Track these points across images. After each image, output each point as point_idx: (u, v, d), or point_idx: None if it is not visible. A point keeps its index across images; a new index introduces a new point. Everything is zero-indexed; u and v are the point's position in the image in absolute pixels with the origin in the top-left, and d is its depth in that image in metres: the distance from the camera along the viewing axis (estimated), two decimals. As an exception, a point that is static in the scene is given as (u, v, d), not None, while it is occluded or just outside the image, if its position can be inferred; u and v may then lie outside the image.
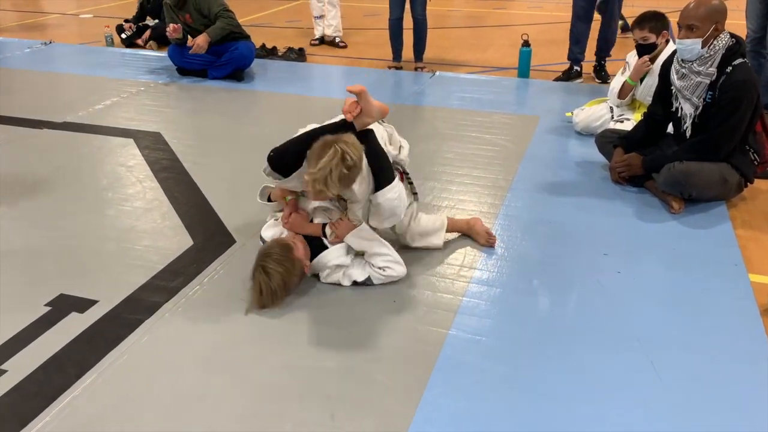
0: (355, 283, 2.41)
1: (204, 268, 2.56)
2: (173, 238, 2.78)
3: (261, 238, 2.57)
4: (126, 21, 6.51)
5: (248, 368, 2.03)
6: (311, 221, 2.50)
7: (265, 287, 2.26)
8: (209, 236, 2.80)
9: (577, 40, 5.07)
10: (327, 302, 2.35)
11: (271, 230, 2.55)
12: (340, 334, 2.19)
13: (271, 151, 2.37)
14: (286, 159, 2.34)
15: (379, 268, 2.40)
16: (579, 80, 5.14)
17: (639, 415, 1.84)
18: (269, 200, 2.61)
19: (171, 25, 4.94)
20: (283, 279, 2.27)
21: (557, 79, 5.14)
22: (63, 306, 2.32)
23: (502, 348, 2.12)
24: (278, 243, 2.37)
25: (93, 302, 2.34)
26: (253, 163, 2.55)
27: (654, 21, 3.58)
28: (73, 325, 2.22)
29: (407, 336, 2.18)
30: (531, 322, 2.26)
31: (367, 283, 2.41)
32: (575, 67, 5.15)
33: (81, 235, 2.83)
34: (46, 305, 2.32)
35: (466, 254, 2.67)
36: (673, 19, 3.70)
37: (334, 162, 2.10)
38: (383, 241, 2.46)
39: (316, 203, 2.48)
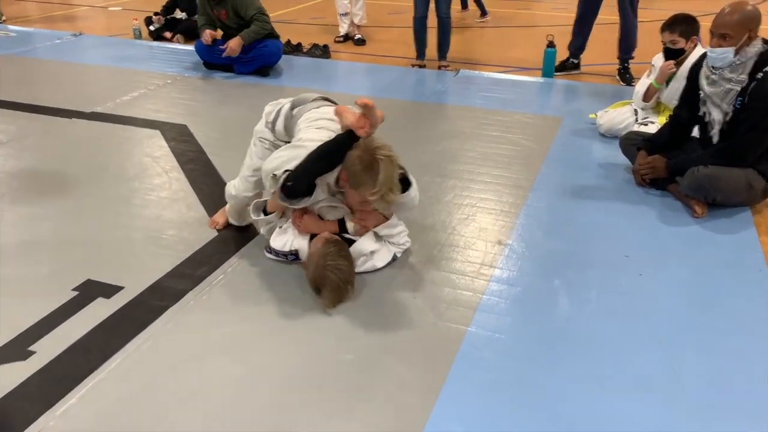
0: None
1: (228, 258, 2.60)
2: (198, 228, 2.82)
3: (271, 249, 2.53)
4: (156, 14, 6.58)
5: (269, 358, 2.07)
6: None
7: (342, 284, 2.28)
8: (233, 227, 2.83)
9: (575, 34, 5.21)
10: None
11: (282, 238, 2.49)
12: (361, 328, 2.21)
13: (288, 181, 2.24)
14: (305, 186, 2.29)
15: (401, 243, 2.57)
16: (576, 72, 5.26)
17: (657, 417, 1.85)
18: (265, 213, 2.55)
19: (207, 32, 4.98)
20: (351, 269, 2.34)
21: (557, 70, 5.23)
22: (90, 291, 2.37)
23: (521, 346, 2.13)
24: (327, 241, 2.37)
25: (119, 288, 2.38)
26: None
27: (685, 25, 3.54)
28: (100, 310, 2.27)
29: (427, 332, 2.20)
30: (551, 321, 2.26)
31: (393, 260, 2.53)
32: (571, 59, 5.29)
33: (108, 223, 2.89)
34: (73, 290, 2.37)
35: (486, 253, 2.68)
36: (704, 23, 3.68)
37: (391, 171, 2.22)
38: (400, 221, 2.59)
39: (322, 203, 2.45)
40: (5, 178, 3.33)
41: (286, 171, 2.26)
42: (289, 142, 2.48)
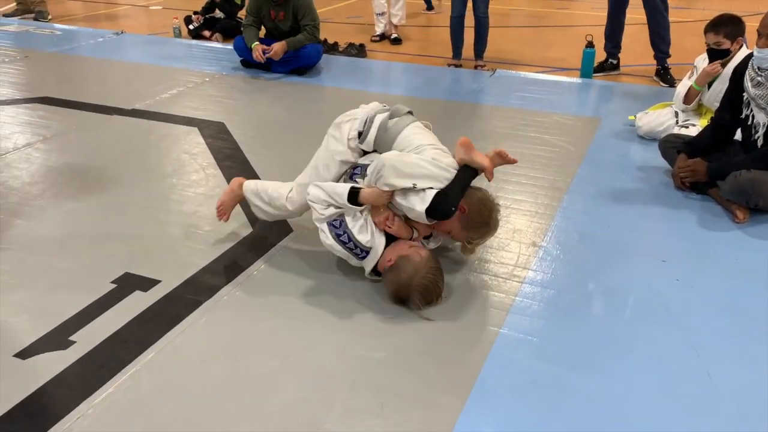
0: None
1: (262, 254, 2.63)
2: (233, 225, 2.85)
3: (350, 238, 2.34)
4: (195, 13, 6.69)
5: (301, 353, 2.08)
6: None
7: (441, 291, 2.31)
8: (267, 224, 2.86)
9: (608, 34, 5.12)
10: (379, 294, 2.38)
11: (366, 234, 2.36)
12: (393, 326, 2.21)
13: (439, 202, 2.26)
14: (449, 210, 2.30)
15: None
16: (615, 72, 5.18)
17: (689, 424, 1.81)
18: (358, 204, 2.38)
19: (259, 48, 5.02)
20: (442, 277, 2.33)
21: (596, 71, 5.15)
22: (128, 284, 2.42)
23: (553, 349, 2.11)
24: (418, 255, 2.31)
25: (156, 282, 2.43)
26: (311, 155, 2.60)
27: (730, 26, 3.45)
28: (137, 302, 2.32)
29: (459, 332, 2.19)
30: (584, 325, 2.24)
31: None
32: (610, 60, 5.20)
33: (147, 218, 2.94)
34: (112, 283, 2.43)
35: (520, 254, 2.66)
36: (749, 24, 3.60)
37: (495, 231, 2.46)
38: None
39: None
40: (48, 172, 3.42)
41: (430, 189, 2.27)
42: (366, 152, 2.50)
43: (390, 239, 2.39)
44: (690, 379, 1.98)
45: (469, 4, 5.33)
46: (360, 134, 2.47)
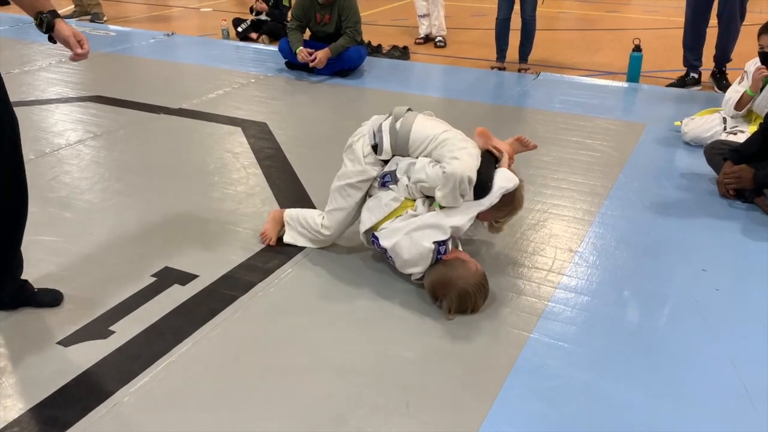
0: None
1: (296, 254, 2.67)
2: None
3: None
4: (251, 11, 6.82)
5: (330, 351, 2.11)
6: None
7: (477, 306, 2.29)
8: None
9: (690, 46, 4.83)
10: (411, 294, 2.39)
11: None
12: (422, 327, 2.22)
13: (489, 182, 2.35)
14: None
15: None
16: (697, 88, 4.90)
17: (725, 438, 1.77)
18: None
19: (304, 51, 5.09)
20: (484, 297, 2.32)
21: (671, 85, 4.93)
22: (167, 278, 2.49)
23: (584, 356, 2.08)
24: (475, 265, 2.33)
25: (194, 276, 2.50)
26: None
27: None
28: (175, 296, 2.38)
29: (488, 335, 2.19)
30: (617, 333, 2.20)
31: None
32: (692, 74, 4.90)
33: (188, 214, 3.02)
34: (152, 276, 2.51)
35: (555, 259, 2.63)
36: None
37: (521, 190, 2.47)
38: None
39: None
40: (98, 168, 3.54)
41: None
42: (386, 161, 2.54)
43: None
44: (725, 391, 1.93)
45: (516, 7, 5.29)
46: (374, 147, 2.52)
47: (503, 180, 2.37)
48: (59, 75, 5.27)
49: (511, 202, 2.41)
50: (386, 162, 2.55)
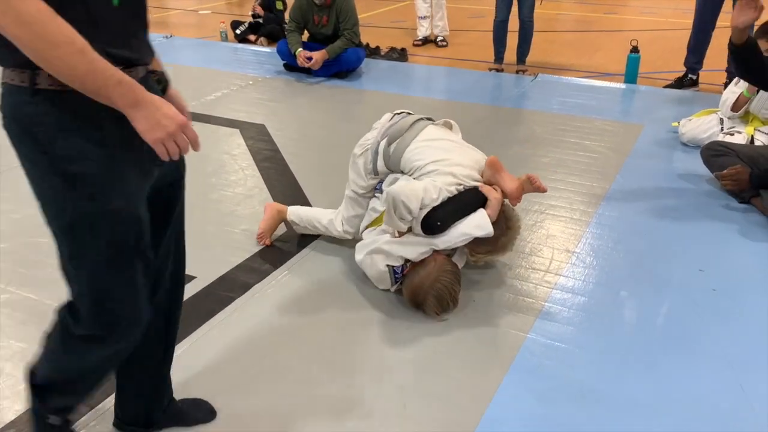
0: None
1: (294, 254, 2.68)
2: (268, 224, 2.91)
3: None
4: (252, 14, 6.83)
5: (328, 351, 2.12)
6: None
7: (456, 295, 2.27)
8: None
9: (695, 48, 4.82)
10: (408, 296, 2.40)
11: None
12: (420, 328, 2.23)
13: (438, 223, 2.25)
14: (446, 228, 2.27)
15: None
16: (694, 89, 4.90)
17: (722, 438, 1.77)
18: None
19: (303, 54, 5.10)
20: (458, 281, 2.29)
21: (668, 86, 4.94)
22: (165, 279, 2.50)
23: (580, 356, 2.09)
24: (432, 260, 2.30)
25: (191, 278, 2.50)
26: (349, 158, 2.63)
27: None
28: (172, 297, 2.39)
29: (485, 335, 2.19)
30: (614, 333, 2.21)
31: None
32: (690, 76, 4.90)
33: (186, 215, 3.01)
34: (150, 277, 2.51)
35: (552, 260, 2.64)
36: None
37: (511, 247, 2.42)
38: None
39: None
40: (96, 170, 3.54)
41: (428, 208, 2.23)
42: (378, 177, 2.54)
43: None
44: (722, 392, 1.93)
45: (514, 8, 5.30)
46: (373, 167, 2.53)
47: (471, 226, 2.25)
48: (58, 77, 5.27)
49: (492, 244, 2.31)
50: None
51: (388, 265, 2.32)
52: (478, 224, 2.25)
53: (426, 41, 6.59)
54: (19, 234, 2.81)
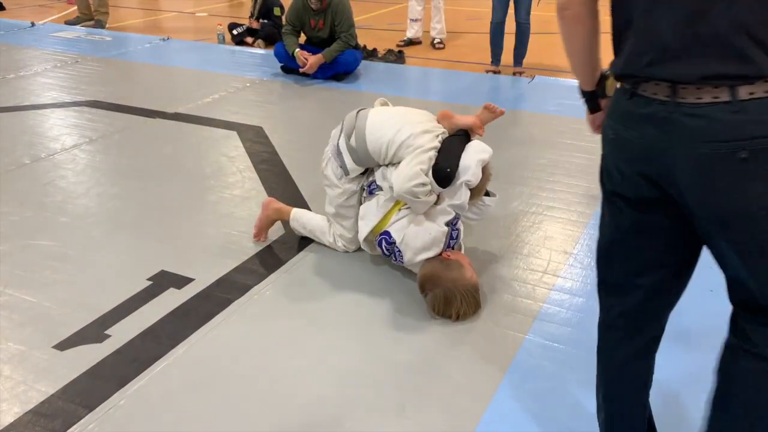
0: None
1: (292, 256, 2.68)
2: (266, 226, 2.91)
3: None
4: (250, 16, 6.83)
5: (327, 353, 2.12)
6: None
7: (460, 311, 2.26)
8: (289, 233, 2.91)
9: None
10: (407, 297, 2.40)
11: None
12: (418, 330, 2.23)
13: (447, 169, 2.32)
14: (455, 171, 2.35)
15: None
16: None
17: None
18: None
19: (302, 54, 5.10)
20: (473, 309, 2.29)
21: None
22: (163, 281, 2.50)
23: (579, 357, 2.09)
24: (471, 273, 2.33)
25: (190, 280, 2.50)
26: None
27: None
28: (171, 299, 2.39)
29: (484, 336, 2.19)
30: (612, 333, 2.21)
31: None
32: None
33: (184, 218, 3.03)
34: (148, 279, 2.51)
35: (550, 261, 2.64)
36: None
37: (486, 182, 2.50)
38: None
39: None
40: (93, 172, 3.55)
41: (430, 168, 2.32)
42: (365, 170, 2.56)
43: None
44: (719, 392, 1.93)
45: (511, 10, 5.31)
46: (343, 169, 2.53)
47: (477, 152, 2.39)
48: (55, 80, 5.27)
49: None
50: (366, 170, 2.56)
51: (446, 223, 2.35)
52: (480, 149, 2.42)
53: (411, 43, 6.60)
54: (18, 236, 2.81)
